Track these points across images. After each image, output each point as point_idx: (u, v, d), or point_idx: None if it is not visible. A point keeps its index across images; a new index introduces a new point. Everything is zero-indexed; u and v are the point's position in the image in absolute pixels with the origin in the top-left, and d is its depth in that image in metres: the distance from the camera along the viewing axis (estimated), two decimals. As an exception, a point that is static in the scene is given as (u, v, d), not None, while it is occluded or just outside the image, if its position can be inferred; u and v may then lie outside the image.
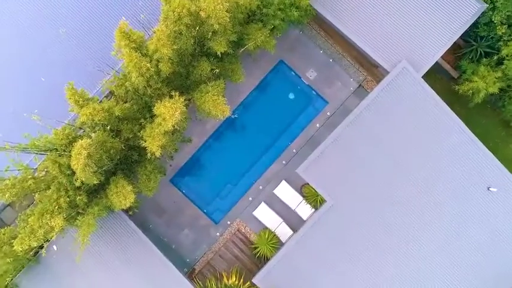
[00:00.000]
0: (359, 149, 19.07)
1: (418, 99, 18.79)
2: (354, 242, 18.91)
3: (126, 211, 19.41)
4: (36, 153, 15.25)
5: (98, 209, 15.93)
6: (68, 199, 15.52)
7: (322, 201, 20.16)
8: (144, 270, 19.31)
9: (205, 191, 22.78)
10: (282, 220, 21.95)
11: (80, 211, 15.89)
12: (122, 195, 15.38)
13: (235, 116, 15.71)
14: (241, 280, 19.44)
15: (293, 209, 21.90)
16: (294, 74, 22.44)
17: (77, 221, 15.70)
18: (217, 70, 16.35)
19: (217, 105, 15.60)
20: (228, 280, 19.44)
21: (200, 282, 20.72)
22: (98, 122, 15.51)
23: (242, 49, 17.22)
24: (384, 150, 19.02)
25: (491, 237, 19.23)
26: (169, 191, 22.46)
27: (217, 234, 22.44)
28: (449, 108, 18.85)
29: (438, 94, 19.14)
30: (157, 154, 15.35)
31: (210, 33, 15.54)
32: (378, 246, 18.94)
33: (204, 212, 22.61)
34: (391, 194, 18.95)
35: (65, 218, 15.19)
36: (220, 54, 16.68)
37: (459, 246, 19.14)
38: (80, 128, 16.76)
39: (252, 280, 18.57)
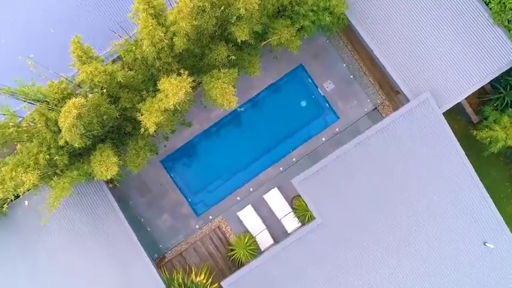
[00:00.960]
0: (360, 172, 17.86)
1: (433, 134, 17.57)
2: (335, 264, 17.67)
3: (107, 182, 18.24)
4: (25, 101, 14.06)
5: (77, 174, 14.72)
6: (48, 157, 14.33)
7: (311, 218, 18.99)
8: (111, 245, 18.09)
9: (194, 180, 21.57)
10: (265, 227, 20.75)
11: (58, 172, 14.70)
12: (105, 165, 14.19)
13: (242, 109, 14.53)
14: (210, 280, 18.25)
15: (279, 218, 20.71)
16: (311, 81, 21.23)
17: (52, 181, 14.51)
18: (233, 57, 15.13)
19: (225, 94, 14.40)
20: (196, 277, 18.25)
21: (167, 272, 19.53)
22: (97, 84, 14.31)
23: (264, 42, 16.02)
24: (386, 178, 17.81)
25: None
26: (158, 172, 21.26)
27: (197, 226, 21.25)
28: (464, 153, 17.67)
29: (454, 135, 18.05)
30: (151, 130, 14.18)
31: (235, 17, 14.35)
32: (361, 275, 17.78)
33: (188, 201, 21.41)
34: (384, 224, 17.73)
35: (39, 176, 14.03)
36: (240, 42, 15.51)
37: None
38: (78, 86, 15.58)
39: (221, 283, 17.41)
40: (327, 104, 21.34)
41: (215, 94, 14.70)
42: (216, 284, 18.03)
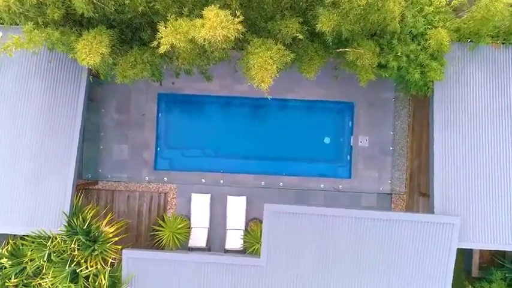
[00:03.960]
0: (332, 244, 14.30)
1: (435, 259, 14.17)
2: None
3: (91, 72, 14.78)
4: None
5: (57, 36, 11.25)
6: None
7: (255, 252, 15.58)
8: (50, 125, 14.64)
9: (176, 134, 18.06)
10: (208, 226, 17.29)
11: (40, 21, 11.28)
12: (89, 48, 10.75)
13: (269, 98, 11.12)
14: (117, 238, 14.76)
15: (227, 227, 17.27)
16: (350, 125, 17.78)
17: (26, 25, 11.08)
18: (301, 38, 11.65)
19: (264, 69, 10.98)
20: (104, 226, 14.81)
21: (84, 198, 16.12)
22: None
23: (340, 50, 12.57)
24: (354, 264, 14.38)
25: None
26: (149, 101, 17.73)
27: (146, 178, 17.78)
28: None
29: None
30: (162, 50, 10.71)
31: (329, 7, 11.04)
32: None
33: (156, 150, 17.89)
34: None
35: (18, 9, 10.67)
36: (316, 33, 12.18)
37: None
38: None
39: (123, 250, 13.98)
40: (348, 157, 17.89)
41: (254, 63, 11.27)
42: (120, 247, 14.58)
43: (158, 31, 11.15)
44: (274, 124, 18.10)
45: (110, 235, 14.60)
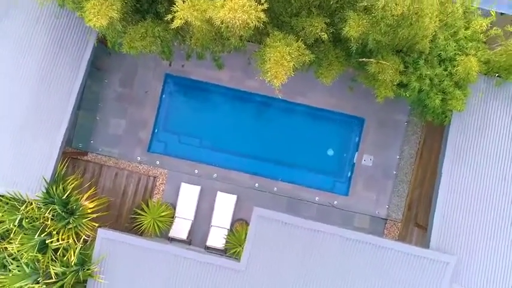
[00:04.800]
0: (315, 261, 13.44)
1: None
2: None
3: (100, 38, 13.84)
4: None
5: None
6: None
7: (236, 255, 14.69)
8: (44, 89, 13.63)
9: (176, 119, 17.13)
10: (192, 219, 16.39)
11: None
12: (97, 9, 9.88)
13: (280, 96, 10.24)
14: (95, 215, 13.86)
15: (211, 223, 16.35)
16: (357, 141, 16.88)
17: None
18: (325, 37, 10.74)
19: (280, 65, 10.08)
20: (85, 199, 13.89)
21: (69, 167, 15.26)
22: None
23: (363, 60, 11.66)
24: (340, 282, 13.46)
25: None
26: (155, 81, 16.84)
27: (138, 158, 16.86)
28: None
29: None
30: (175, 24, 9.85)
31: (363, 4, 10.12)
32: None
33: (153, 131, 17.02)
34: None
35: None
36: (340, 37, 11.29)
37: None
38: None
39: (99, 229, 13.06)
40: (349, 174, 16.98)
41: (271, 57, 10.37)
42: (97, 224, 13.67)
43: (175, 4, 10.26)
44: (278, 126, 17.18)
45: (89, 210, 13.68)
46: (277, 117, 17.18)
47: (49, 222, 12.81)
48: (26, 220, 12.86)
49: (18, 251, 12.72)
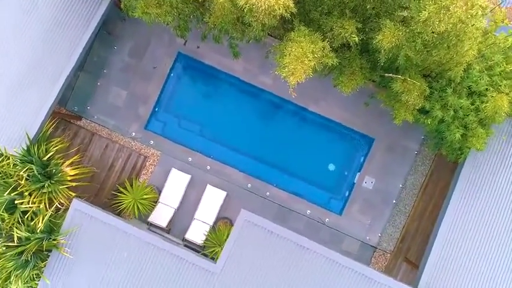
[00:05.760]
0: (302, 276, 12.42)
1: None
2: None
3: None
4: None
5: None
6: None
7: (213, 255, 13.64)
8: (49, 39, 12.59)
9: (180, 102, 16.07)
10: (176, 207, 15.33)
11: None
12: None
13: (293, 96, 9.18)
14: (75, 184, 12.83)
15: (195, 216, 15.30)
16: (361, 161, 15.80)
17: None
18: (356, 39, 9.67)
19: (300, 62, 9.03)
20: (66, 166, 12.82)
21: (60, 129, 14.24)
22: None
23: (389, 75, 10.60)
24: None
25: None
26: (165, 58, 15.72)
27: (133, 134, 15.80)
28: None
29: None
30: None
31: (403, 14, 9.09)
32: None
33: (154, 109, 15.90)
34: None
35: None
36: (369, 47, 10.27)
37: None
38: None
39: (74, 199, 12.03)
40: (347, 193, 15.91)
41: (292, 51, 9.33)
42: (74, 194, 12.64)
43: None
44: (283, 130, 16.11)
45: (69, 178, 12.64)
46: (284, 120, 16.13)
47: (23, 182, 11.78)
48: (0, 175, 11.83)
49: (-16, 206, 11.70)
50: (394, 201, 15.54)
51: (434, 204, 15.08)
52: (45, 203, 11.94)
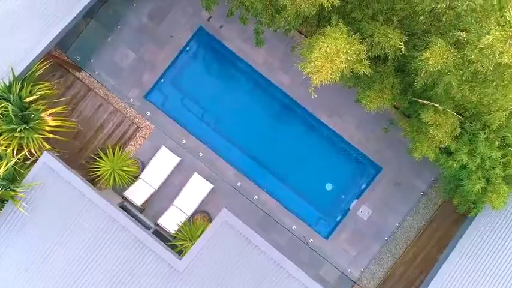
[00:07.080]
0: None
1: None
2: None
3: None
4: None
5: None
6: None
7: (183, 252, 12.20)
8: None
9: (189, 80, 14.56)
10: (156, 188, 13.88)
11: None
12: None
13: (314, 96, 7.75)
14: (52, 136, 11.38)
15: (173, 202, 13.88)
16: (363, 188, 14.28)
17: None
18: (402, 48, 8.24)
19: (330, 59, 7.63)
20: (48, 114, 11.36)
21: (56, 76, 12.84)
22: None
23: (422, 102, 9.18)
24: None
25: None
26: (185, 29, 14.19)
27: (131, 100, 14.28)
28: None
29: None
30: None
31: (457, 37, 7.69)
32: None
33: (160, 80, 14.39)
34: None
35: None
36: (403, 67, 8.90)
37: None
38: None
39: (44, 151, 10.60)
40: (338, 218, 14.45)
41: (322, 46, 7.94)
42: (48, 147, 11.22)
43: None
44: (288, 135, 14.67)
45: (47, 128, 11.21)
46: (291, 125, 14.71)
47: (-5, 120, 10.37)
48: (-28, 105, 10.42)
49: None
50: (386, 239, 14.10)
51: (428, 253, 13.69)
52: (13, 148, 10.53)
